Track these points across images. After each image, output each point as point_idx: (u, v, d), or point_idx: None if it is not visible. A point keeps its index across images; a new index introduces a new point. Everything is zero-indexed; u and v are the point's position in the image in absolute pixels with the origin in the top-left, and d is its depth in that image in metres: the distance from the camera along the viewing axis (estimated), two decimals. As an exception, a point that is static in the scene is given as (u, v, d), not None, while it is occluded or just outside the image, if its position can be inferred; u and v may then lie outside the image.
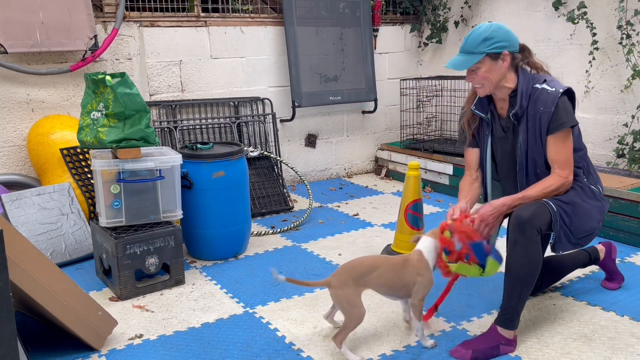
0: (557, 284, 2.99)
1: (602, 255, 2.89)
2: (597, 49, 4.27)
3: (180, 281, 3.13)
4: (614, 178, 3.85)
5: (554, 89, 2.35)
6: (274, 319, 2.72)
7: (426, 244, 2.39)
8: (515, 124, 2.47)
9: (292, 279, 2.37)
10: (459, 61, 2.39)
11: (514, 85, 2.43)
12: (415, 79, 5.39)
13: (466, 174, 2.71)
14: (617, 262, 3.02)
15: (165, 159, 3.06)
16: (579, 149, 2.46)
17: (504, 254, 2.37)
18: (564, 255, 2.85)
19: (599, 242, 2.95)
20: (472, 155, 2.68)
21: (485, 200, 2.67)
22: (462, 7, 5.39)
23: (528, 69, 2.48)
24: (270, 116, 4.92)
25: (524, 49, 2.46)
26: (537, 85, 2.40)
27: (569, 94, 2.37)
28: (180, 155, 3.13)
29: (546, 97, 2.35)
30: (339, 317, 2.44)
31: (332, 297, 2.36)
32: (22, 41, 3.75)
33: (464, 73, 2.51)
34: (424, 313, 2.46)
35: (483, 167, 2.66)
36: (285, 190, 4.60)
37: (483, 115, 2.57)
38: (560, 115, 2.32)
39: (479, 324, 2.62)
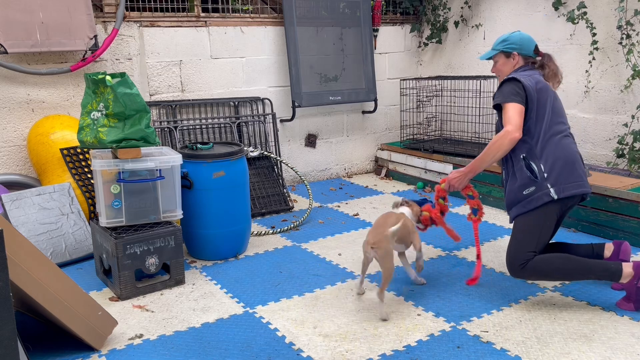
0: (558, 283, 3.00)
1: (607, 253, 2.90)
2: (597, 49, 4.27)
3: (180, 281, 3.13)
4: (614, 178, 3.85)
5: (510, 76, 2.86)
6: (274, 319, 2.72)
7: (406, 211, 2.97)
8: None
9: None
10: (485, 53, 3.08)
11: None
12: (415, 79, 5.39)
13: None
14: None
15: (165, 159, 3.06)
16: (528, 132, 2.78)
17: None
18: (570, 245, 2.99)
19: (612, 241, 2.94)
20: None
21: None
22: (462, 7, 5.39)
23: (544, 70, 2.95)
24: (270, 116, 4.92)
25: (543, 56, 2.96)
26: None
27: (515, 80, 2.80)
28: (180, 155, 3.13)
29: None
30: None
31: (381, 253, 2.66)
32: (22, 41, 3.76)
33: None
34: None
35: None
36: (285, 190, 4.60)
37: None
38: (497, 92, 2.86)
39: (479, 324, 2.62)
